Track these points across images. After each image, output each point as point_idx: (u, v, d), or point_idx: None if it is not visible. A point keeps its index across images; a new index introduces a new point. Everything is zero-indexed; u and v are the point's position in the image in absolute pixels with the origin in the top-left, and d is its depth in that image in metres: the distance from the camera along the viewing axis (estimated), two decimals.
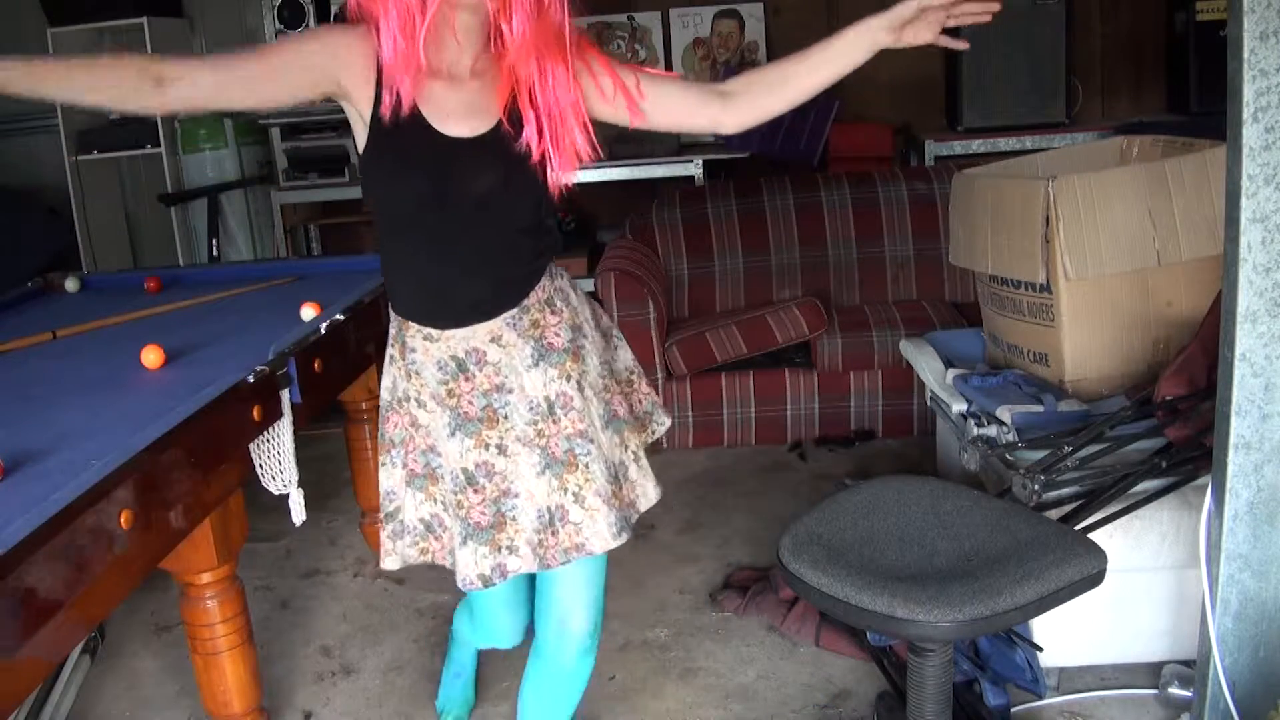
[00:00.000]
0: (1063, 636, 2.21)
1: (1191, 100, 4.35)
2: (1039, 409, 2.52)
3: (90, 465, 1.62)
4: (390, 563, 1.91)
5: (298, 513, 2.20)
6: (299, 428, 2.23)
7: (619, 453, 1.85)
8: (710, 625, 2.69)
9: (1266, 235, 1.63)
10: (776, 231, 4.09)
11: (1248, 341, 1.67)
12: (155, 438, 1.76)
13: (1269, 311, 1.66)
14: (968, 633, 1.59)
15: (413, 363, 1.81)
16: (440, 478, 1.83)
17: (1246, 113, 1.59)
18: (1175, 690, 2.19)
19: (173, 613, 2.74)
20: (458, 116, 1.69)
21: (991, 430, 2.56)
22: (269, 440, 2.13)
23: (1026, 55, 4.36)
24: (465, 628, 2.27)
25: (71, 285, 3.17)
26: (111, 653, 2.76)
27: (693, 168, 4.63)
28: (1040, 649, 2.15)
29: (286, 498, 2.19)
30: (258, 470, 2.14)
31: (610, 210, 4.94)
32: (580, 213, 4.85)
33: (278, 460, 2.15)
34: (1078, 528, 2.01)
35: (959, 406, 2.77)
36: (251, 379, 2.06)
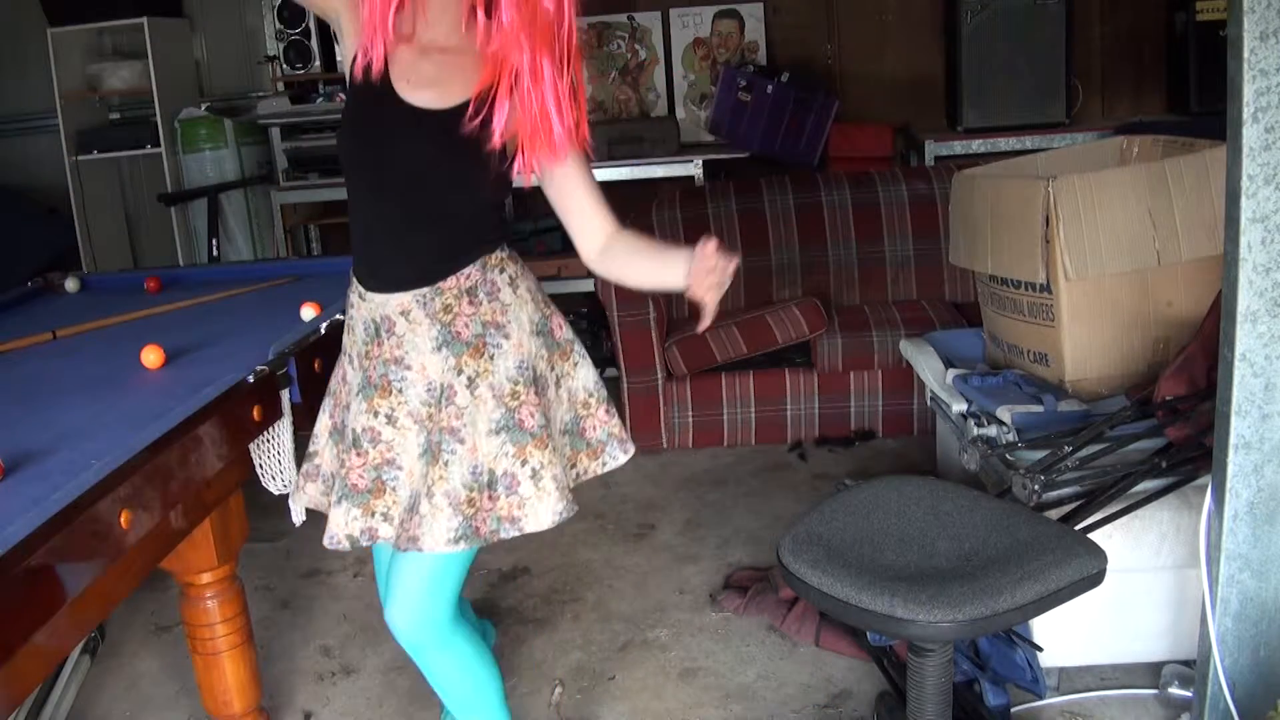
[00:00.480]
0: (1063, 636, 2.21)
1: (1191, 100, 4.35)
2: (1039, 409, 2.53)
3: (90, 465, 1.62)
4: (298, 501, 1.97)
5: (298, 513, 2.20)
6: (299, 428, 2.23)
7: (506, 463, 1.76)
8: (710, 625, 2.69)
9: (1266, 235, 1.63)
10: (776, 231, 4.09)
11: (1248, 341, 1.67)
12: (155, 438, 1.76)
13: (1269, 311, 1.66)
14: (968, 633, 1.59)
15: (351, 319, 1.88)
16: (346, 436, 1.87)
17: (1246, 113, 1.59)
18: (1175, 690, 2.19)
19: (173, 613, 2.74)
20: (419, 85, 1.73)
21: (991, 430, 2.56)
22: (269, 440, 2.13)
23: (1026, 55, 4.36)
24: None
25: (71, 285, 3.17)
26: (111, 653, 2.76)
27: (693, 168, 4.63)
28: (1040, 649, 2.15)
29: (286, 498, 2.19)
30: (258, 470, 2.14)
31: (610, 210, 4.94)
32: None
33: (278, 460, 2.15)
34: (1078, 528, 2.01)
35: (959, 406, 2.77)
36: (251, 379, 2.06)
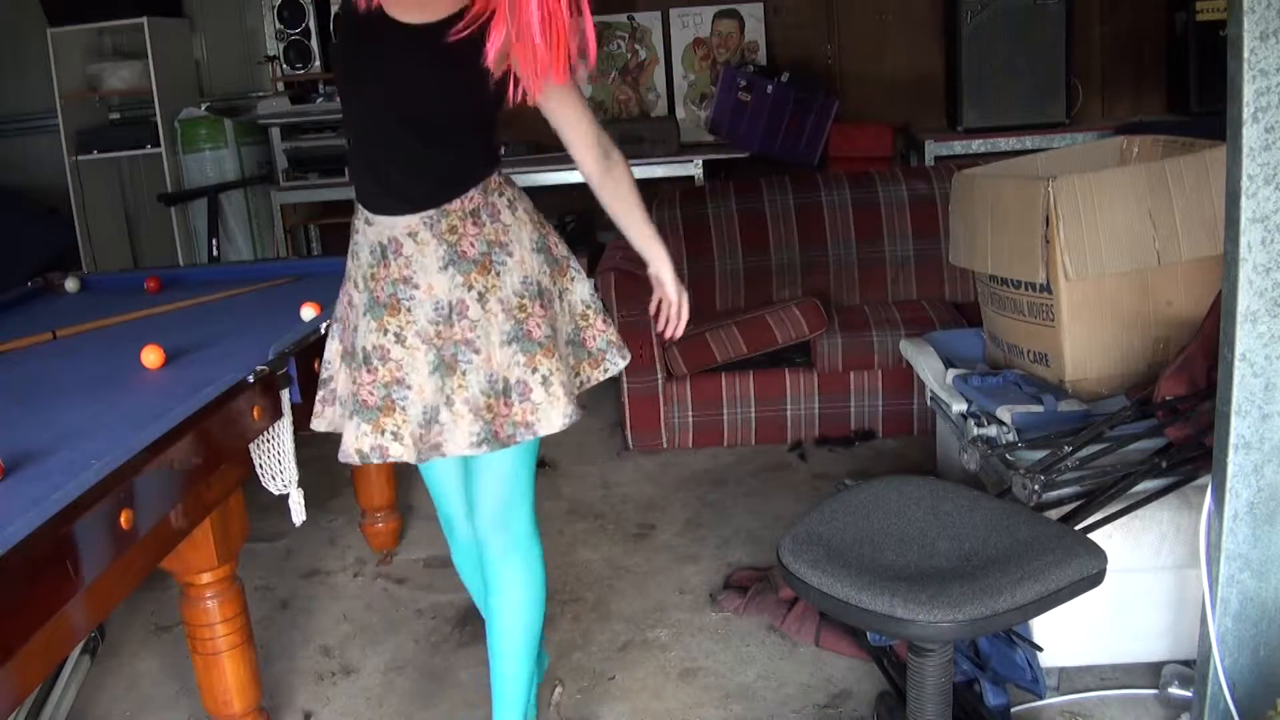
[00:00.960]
0: (1063, 636, 2.21)
1: (1191, 100, 4.36)
2: (1039, 409, 2.53)
3: (90, 465, 1.62)
4: (319, 425, 2.04)
5: (298, 513, 2.20)
6: (299, 428, 2.23)
7: (518, 371, 1.87)
8: (710, 625, 2.69)
9: (1266, 235, 1.63)
10: (776, 231, 4.09)
11: (1248, 341, 1.67)
12: (155, 438, 1.76)
13: (1269, 311, 1.66)
14: (968, 633, 1.59)
15: (356, 244, 1.94)
16: (356, 356, 1.94)
17: (1246, 113, 1.59)
18: (1175, 690, 2.19)
19: (173, 613, 2.74)
20: (409, 5, 1.77)
21: (991, 430, 2.56)
22: (269, 440, 2.14)
23: (1026, 55, 4.37)
24: (474, 595, 2.30)
25: (71, 285, 3.17)
26: (111, 653, 2.76)
27: (693, 168, 4.63)
28: (1040, 649, 2.15)
29: (286, 498, 2.19)
30: (258, 470, 2.14)
31: None
32: (580, 213, 4.85)
33: (278, 460, 2.15)
34: (1078, 528, 2.01)
35: (959, 406, 2.77)
36: (251, 379, 2.06)
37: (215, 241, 4.66)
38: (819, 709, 2.33)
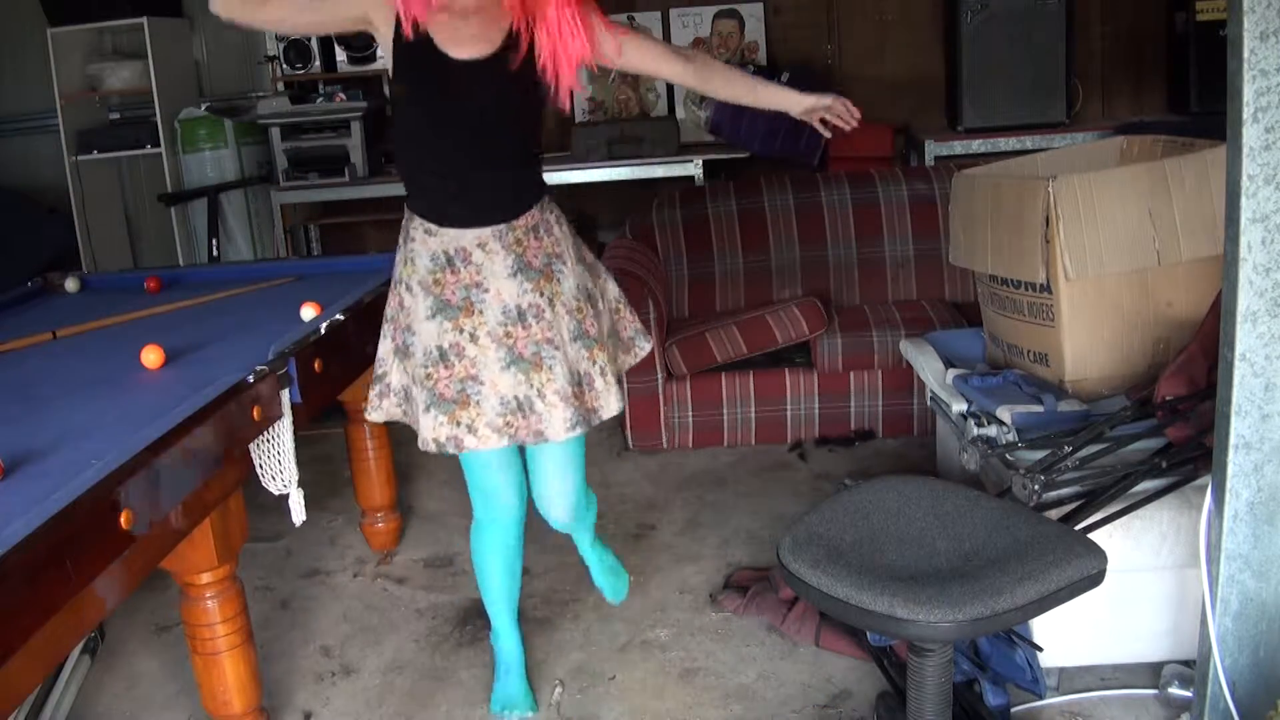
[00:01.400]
0: (1063, 636, 2.21)
1: (1191, 100, 4.35)
2: (1039, 409, 2.52)
3: (90, 465, 1.62)
4: (375, 415, 2.24)
5: (298, 513, 2.20)
6: (299, 428, 2.23)
7: (584, 364, 2.16)
8: (710, 625, 2.69)
9: (1266, 235, 1.63)
10: (776, 231, 4.09)
11: (1248, 341, 1.67)
12: (155, 438, 1.76)
13: (1269, 311, 1.66)
14: (968, 633, 1.59)
15: (411, 251, 2.15)
16: (412, 354, 2.15)
17: (1246, 113, 1.59)
18: (1175, 690, 2.19)
19: (173, 613, 2.74)
20: (463, 43, 2.03)
21: (991, 430, 2.56)
22: (269, 440, 2.14)
23: (1026, 55, 4.36)
24: (488, 580, 2.42)
25: (71, 285, 3.17)
26: (111, 653, 2.76)
27: (693, 168, 4.63)
28: (1040, 649, 2.15)
29: (286, 498, 2.19)
30: (258, 470, 2.14)
31: (610, 210, 4.94)
32: (580, 213, 4.86)
33: (278, 460, 2.15)
34: (1078, 528, 2.01)
35: (959, 406, 2.77)
36: (251, 379, 2.06)
37: (215, 241, 4.65)
38: (819, 709, 2.33)
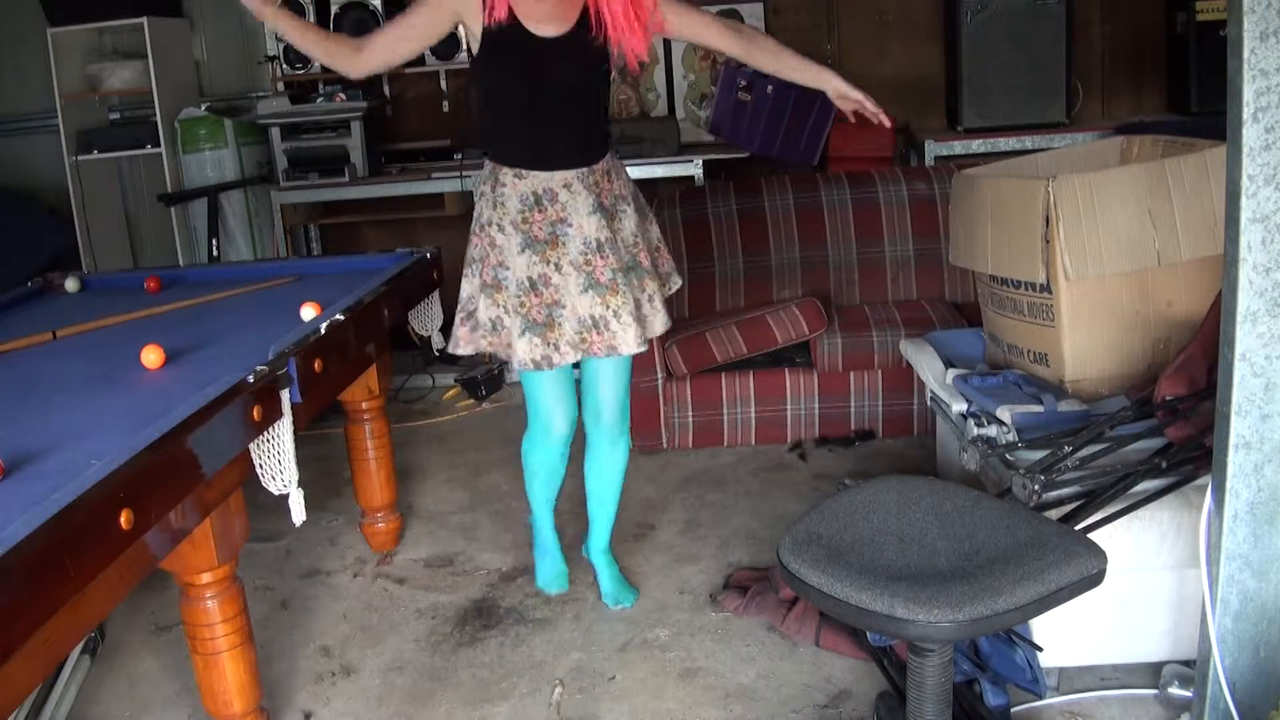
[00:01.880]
0: (1063, 636, 2.21)
1: (1191, 100, 4.35)
2: (1039, 409, 2.52)
3: (90, 465, 1.62)
4: (464, 349, 2.58)
5: (298, 513, 2.20)
6: (299, 428, 2.23)
7: (637, 292, 2.55)
8: (710, 625, 2.69)
9: (1266, 235, 1.63)
10: (776, 231, 4.09)
11: (1248, 341, 1.67)
12: (155, 437, 1.76)
13: (1269, 311, 1.66)
14: (968, 633, 1.59)
15: (501, 195, 2.50)
16: (505, 287, 2.51)
17: (1246, 113, 1.59)
18: (1175, 690, 2.19)
19: (173, 613, 2.73)
20: (545, 21, 2.40)
21: (991, 430, 2.56)
22: (269, 440, 2.13)
23: (1026, 55, 4.36)
24: (533, 482, 2.84)
25: (71, 285, 3.17)
26: (111, 653, 2.76)
27: (693, 168, 4.63)
28: (1040, 649, 2.15)
29: (286, 498, 2.18)
30: (258, 470, 2.14)
31: None
32: None
33: (278, 460, 2.15)
34: (1078, 528, 2.01)
35: (959, 406, 2.77)
36: (251, 379, 2.06)
37: (215, 241, 4.65)
38: (819, 709, 2.33)
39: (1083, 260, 2.58)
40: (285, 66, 4.88)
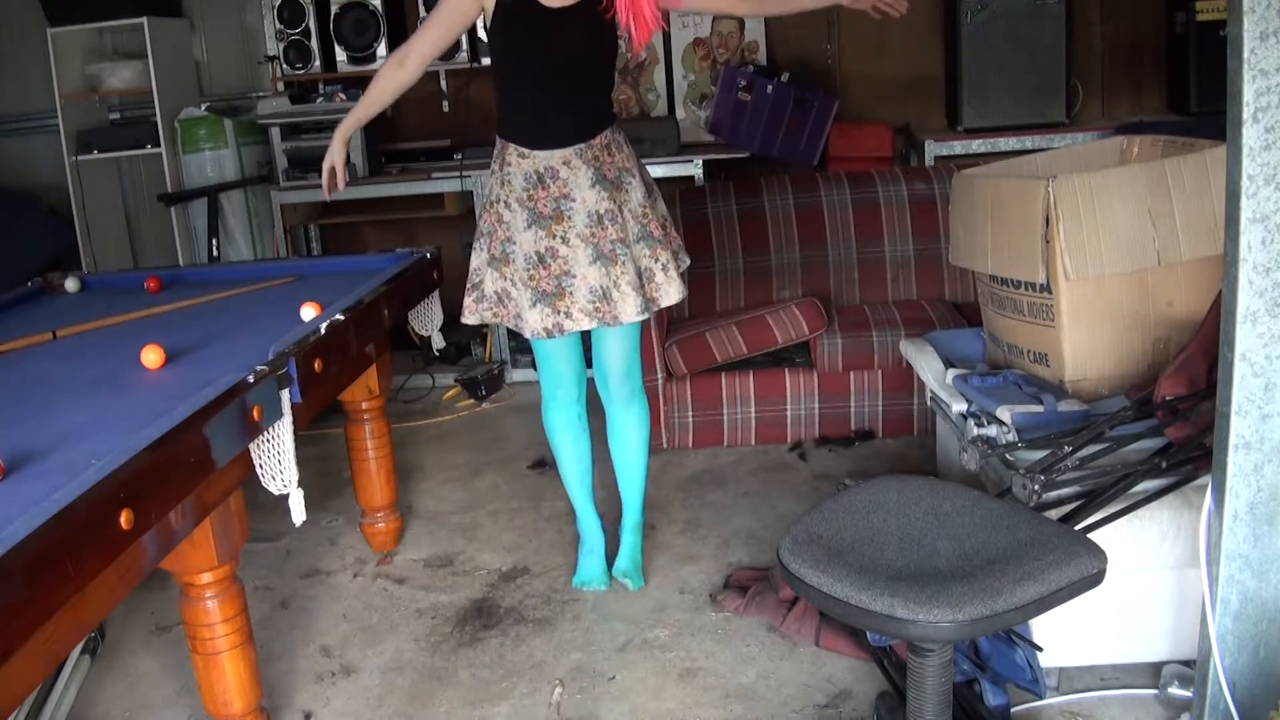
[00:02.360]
0: (1063, 636, 2.21)
1: (1191, 100, 4.35)
2: (1039, 409, 2.52)
3: (90, 465, 1.62)
4: (471, 318, 2.68)
5: (298, 513, 2.20)
6: (299, 428, 2.23)
7: (646, 261, 2.62)
8: (710, 625, 2.69)
9: (1266, 235, 1.63)
10: (776, 231, 4.09)
11: (1248, 341, 1.67)
12: (155, 438, 1.76)
13: (1269, 311, 1.66)
14: (968, 633, 1.59)
15: (508, 174, 2.59)
16: (513, 261, 2.60)
17: (1246, 113, 1.59)
18: (1175, 690, 2.19)
19: (173, 613, 2.74)
20: None
21: (991, 430, 2.56)
22: (269, 440, 2.13)
23: (1026, 55, 4.36)
24: (561, 453, 2.89)
25: (71, 285, 3.17)
26: (111, 653, 2.76)
27: (693, 168, 4.62)
28: (1040, 649, 2.15)
29: (286, 498, 2.18)
30: (258, 470, 2.14)
31: None
32: None
33: (278, 460, 2.15)
34: (1078, 528, 2.00)
35: (959, 406, 2.77)
36: (251, 379, 2.06)
37: (215, 241, 4.65)
38: (819, 709, 2.33)
39: (1083, 260, 2.58)
40: (285, 66, 4.88)
